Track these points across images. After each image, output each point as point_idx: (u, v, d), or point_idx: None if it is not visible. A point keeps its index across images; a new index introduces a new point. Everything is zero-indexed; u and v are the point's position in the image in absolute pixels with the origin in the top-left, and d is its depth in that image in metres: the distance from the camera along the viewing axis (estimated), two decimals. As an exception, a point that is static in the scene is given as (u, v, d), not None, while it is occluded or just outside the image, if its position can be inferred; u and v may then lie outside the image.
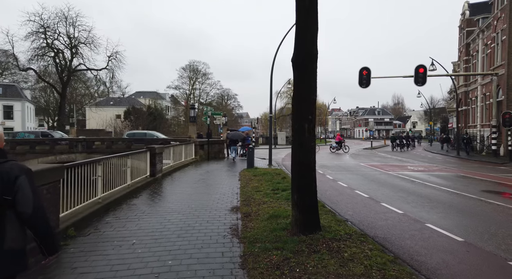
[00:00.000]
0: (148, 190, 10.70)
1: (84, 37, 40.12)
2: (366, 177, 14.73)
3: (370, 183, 12.97)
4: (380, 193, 10.92)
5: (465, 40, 37.82)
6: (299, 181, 5.76)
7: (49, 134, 32.90)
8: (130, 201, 8.91)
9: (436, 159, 25.84)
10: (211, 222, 6.95)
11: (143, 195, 9.86)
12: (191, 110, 26.35)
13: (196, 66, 72.51)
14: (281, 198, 9.12)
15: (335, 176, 14.93)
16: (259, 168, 16.61)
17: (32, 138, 30.30)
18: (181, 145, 18.22)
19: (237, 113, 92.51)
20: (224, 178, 13.52)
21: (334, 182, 13.40)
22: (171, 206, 8.40)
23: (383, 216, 7.80)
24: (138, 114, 54.42)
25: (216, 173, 15.10)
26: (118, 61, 43.07)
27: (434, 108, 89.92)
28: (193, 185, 11.70)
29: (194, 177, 13.57)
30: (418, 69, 25.15)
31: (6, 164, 2.36)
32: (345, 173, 16.44)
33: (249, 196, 9.59)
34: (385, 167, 18.99)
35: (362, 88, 25.62)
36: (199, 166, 17.65)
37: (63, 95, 41.32)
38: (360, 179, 14.31)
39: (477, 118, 34.31)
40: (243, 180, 12.81)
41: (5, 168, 2.33)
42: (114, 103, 71.23)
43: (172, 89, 74.17)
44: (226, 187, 11.36)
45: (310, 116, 5.72)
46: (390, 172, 16.51)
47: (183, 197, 9.56)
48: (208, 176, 13.89)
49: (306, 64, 5.64)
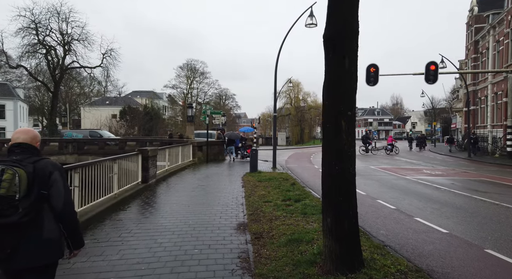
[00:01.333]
0: (138, 200, 9.21)
1: (78, 34, 38.49)
2: (383, 183, 13.27)
3: (390, 191, 11.51)
4: (406, 203, 9.46)
5: (473, 38, 36.46)
6: (333, 199, 4.28)
7: (98, 134, 31.47)
8: (115, 216, 7.41)
9: (447, 162, 24.43)
10: (214, 247, 5.47)
11: (132, 207, 8.36)
12: (189, 109, 24.84)
13: (194, 65, 70.90)
14: (296, 212, 7.64)
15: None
16: (263, 172, 15.14)
17: (80, 137, 29.09)
18: (177, 146, 16.72)
19: (235, 113, 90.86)
20: (226, 184, 12.04)
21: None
22: (164, 222, 6.91)
23: (426, 238, 6.33)
24: (134, 114, 52.90)
25: (217, 178, 13.61)
26: (113, 58, 41.46)
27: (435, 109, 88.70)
28: (190, 193, 10.20)
29: (192, 183, 12.08)
30: (429, 66, 23.66)
31: (41, 162, 2.54)
32: (358, 178, 14.94)
33: (257, 208, 8.11)
34: (399, 170, 17.54)
35: (370, 86, 24.15)
36: (197, 170, 16.15)
37: (55, 94, 39.65)
38: (377, 185, 12.85)
39: (487, 118, 32.95)
40: (248, 187, 11.34)
41: (41, 165, 2.52)
42: (110, 103, 69.60)
43: (170, 88, 72.55)
44: (228, 195, 9.88)
45: (350, 111, 4.25)
46: (407, 177, 15.05)
47: (179, 209, 8.07)
48: (207, 182, 12.40)
49: (345, 42, 4.17)
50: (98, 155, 23.39)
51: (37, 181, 2.45)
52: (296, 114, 71.55)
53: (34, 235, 2.46)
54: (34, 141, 2.67)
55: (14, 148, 2.57)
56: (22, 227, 2.41)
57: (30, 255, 2.45)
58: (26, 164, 2.45)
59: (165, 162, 14.31)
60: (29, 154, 2.56)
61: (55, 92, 39.63)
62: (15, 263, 2.44)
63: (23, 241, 2.43)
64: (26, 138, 2.63)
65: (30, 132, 2.70)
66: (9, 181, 2.33)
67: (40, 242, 2.48)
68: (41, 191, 2.46)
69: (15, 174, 2.35)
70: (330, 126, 4.32)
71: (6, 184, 2.32)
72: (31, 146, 2.63)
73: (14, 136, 2.65)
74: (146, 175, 10.98)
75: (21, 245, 2.43)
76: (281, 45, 17.81)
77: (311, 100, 77.04)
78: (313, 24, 17.13)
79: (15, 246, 2.41)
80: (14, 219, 2.35)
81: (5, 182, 2.32)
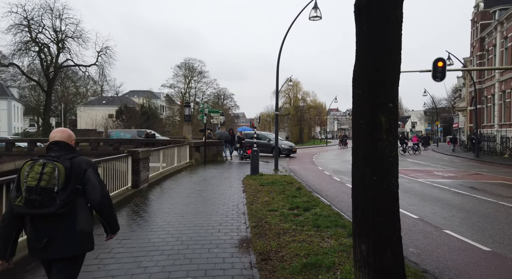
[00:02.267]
0: (126, 208, 8.14)
1: (72, 31, 37.27)
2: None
3: (406, 196, 10.47)
4: (429, 211, 8.42)
5: (479, 34, 35.49)
6: (370, 219, 3.21)
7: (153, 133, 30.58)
8: (96, 229, 6.33)
9: (455, 162, 23.41)
10: (211, 273, 4.41)
11: (118, 217, 7.26)
12: (186, 108, 23.78)
13: (191, 64, 69.66)
14: (306, 224, 6.58)
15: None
16: (265, 175, 14.08)
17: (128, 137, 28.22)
18: (173, 147, 15.65)
19: (233, 113, 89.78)
20: (225, 188, 10.98)
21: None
22: (153, 238, 5.85)
23: (468, 258, 5.28)
24: (131, 114, 51.80)
25: (215, 181, 12.55)
26: (108, 56, 40.29)
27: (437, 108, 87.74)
28: (186, 199, 9.13)
29: (188, 188, 11.01)
30: (436, 62, 22.51)
31: (77, 158, 2.72)
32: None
33: (261, 219, 7.06)
34: (410, 173, 16.50)
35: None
36: (194, 172, 15.08)
37: (49, 93, 38.45)
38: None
39: (494, 118, 31.97)
40: (249, 192, 10.28)
41: (76, 161, 2.69)
42: (107, 102, 68.49)
43: (167, 87, 71.30)
44: (228, 202, 8.83)
45: (391, 102, 3.20)
46: (420, 180, 14.02)
47: (172, 220, 7.00)
48: (205, 186, 11.34)
49: (385, 9, 3.12)
50: (91, 156, 22.29)
51: (73, 176, 2.62)
52: (296, 113, 70.58)
53: (68, 227, 2.61)
54: (70, 139, 2.86)
55: (52, 146, 2.76)
56: (59, 218, 2.58)
57: (63, 245, 2.60)
58: (64, 160, 2.63)
59: (160, 164, 13.25)
60: (65, 151, 2.74)
61: (49, 91, 38.46)
62: (49, 253, 2.59)
63: (58, 231, 2.59)
64: (62, 137, 2.82)
65: (66, 132, 2.89)
66: (49, 174, 2.51)
67: (74, 234, 2.63)
68: (76, 185, 2.63)
69: (54, 168, 2.54)
70: (364, 123, 3.25)
71: (46, 177, 2.50)
72: (67, 144, 2.81)
73: (51, 135, 2.84)
74: (136, 180, 9.91)
75: (56, 235, 2.58)
76: (284, 37, 16.75)
77: (310, 100, 76.12)
78: (318, 16, 16.11)
79: (51, 236, 2.56)
80: (53, 210, 2.51)
81: (46, 175, 2.50)
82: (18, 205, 2.51)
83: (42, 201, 2.47)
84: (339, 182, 13.46)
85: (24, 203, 2.48)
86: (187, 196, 9.55)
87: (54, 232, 2.58)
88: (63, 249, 2.60)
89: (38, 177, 2.49)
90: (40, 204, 2.48)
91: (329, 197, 10.23)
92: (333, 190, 11.54)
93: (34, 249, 2.61)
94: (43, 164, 2.53)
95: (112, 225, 2.96)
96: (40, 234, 2.56)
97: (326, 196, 10.37)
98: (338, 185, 12.66)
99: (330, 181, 13.78)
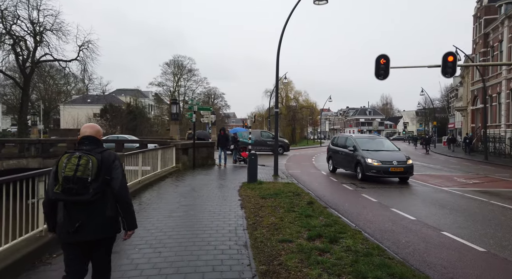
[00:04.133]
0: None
1: (50, 23, 34.34)
2: (424, 199, 10.19)
3: (445, 212, 8.42)
4: (491, 239, 6.35)
5: (483, 30, 33.85)
6: None
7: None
8: (33, 275, 4.14)
9: (467, 165, 21.56)
10: None
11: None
12: (173, 105, 21.50)
13: (181, 61, 67.12)
14: (343, 271, 4.42)
15: (378, 197, 10.35)
16: (264, 183, 11.93)
17: None
18: (156, 150, 13.36)
19: (224, 113, 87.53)
20: (218, 202, 8.78)
21: (386, 209, 8.80)
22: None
23: None
24: (116, 113, 49.14)
25: (205, 191, 10.34)
26: (91, 51, 37.47)
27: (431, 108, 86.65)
28: (167, 222, 6.90)
29: (171, 202, 8.78)
30: (446, 57, 20.55)
31: (106, 152, 3.02)
32: (386, 189, 11.88)
33: (272, 258, 4.91)
34: (428, 179, 14.50)
35: (379, 79, 21.00)
36: (181, 179, 12.84)
37: (25, 90, 35.61)
38: (419, 202, 9.79)
39: (500, 117, 30.31)
40: (249, 208, 8.11)
41: (106, 154, 2.98)
42: (92, 101, 65.44)
43: (155, 86, 68.58)
44: (223, 224, 6.66)
45: None
46: (445, 188, 12.02)
47: (142, 262, 4.78)
48: (193, 200, 9.13)
49: None
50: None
51: (103, 168, 2.89)
52: (288, 113, 68.71)
53: (99, 212, 2.90)
54: (98, 134, 3.14)
55: (84, 140, 3.04)
56: (91, 205, 2.85)
57: (95, 229, 2.90)
58: (95, 153, 2.91)
59: (138, 168, 10.98)
60: (95, 145, 3.03)
61: (25, 88, 35.62)
62: (81, 235, 2.86)
63: (90, 217, 2.87)
64: (92, 132, 3.09)
65: (95, 127, 3.18)
66: (84, 166, 2.80)
67: (104, 219, 2.93)
68: (105, 176, 2.90)
69: (89, 160, 2.83)
70: None
71: (82, 168, 2.79)
72: (96, 138, 3.10)
73: (82, 130, 3.12)
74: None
75: (87, 220, 2.86)
76: (285, 25, 14.63)
77: (302, 100, 74.39)
78: (324, 0, 14.12)
79: (83, 221, 2.84)
80: (87, 197, 2.79)
81: (81, 166, 2.79)
82: (56, 193, 2.80)
83: (77, 189, 2.75)
84: (354, 192, 11.37)
85: (61, 191, 2.77)
86: (169, 216, 7.32)
87: (86, 217, 2.85)
88: (93, 232, 2.89)
89: (74, 168, 2.76)
90: (76, 192, 2.76)
91: (351, 215, 8.11)
92: (352, 204, 9.42)
93: (67, 232, 2.84)
94: (79, 157, 2.81)
95: (129, 220, 3.07)
96: (73, 218, 2.83)
97: (346, 213, 8.26)
98: (354, 196, 10.56)
99: (342, 190, 11.69)
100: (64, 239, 2.89)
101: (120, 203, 2.99)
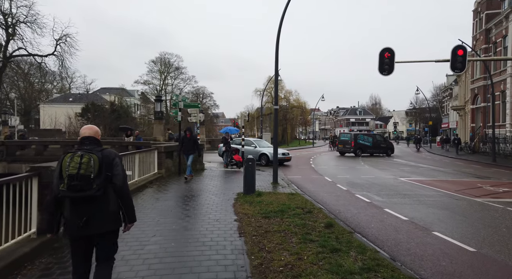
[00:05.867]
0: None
1: (24, 15, 31.78)
2: (466, 216, 8.21)
3: (501, 236, 6.47)
4: None
5: (484, 26, 32.37)
6: None
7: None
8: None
9: (479, 168, 19.83)
10: None
11: None
12: (157, 103, 19.20)
13: (168, 58, 64.47)
14: None
15: (402, 211, 8.39)
16: (264, 194, 9.89)
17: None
18: (133, 154, 11.15)
19: (213, 112, 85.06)
20: (210, 225, 6.67)
21: (424, 231, 6.82)
22: None
23: None
24: (99, 112, 46.44)
25: (192, 208, 8.20)
26: (69, 46, 34.96)
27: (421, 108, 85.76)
28: (133, 265, 4.77)
29: (146, 226, 6.61)
30: (456, 50, 18.84)
31: (106, 150, 3.26)
32: (407, 201, 9.92)
33: None
34: (448, 186, 12.61)
35: (383, 75, 19.14)
36: (163, 190, 10.66)
37: (-3, 87, 32.95)
38: (460, 221, 7.81)
39: (506, 116, 28.78)
40: (250, 236, 6.04)
41: (106, 153, 3.21)
42: (74, 100, 62.31)
43: (141, 84, 65.81)
44: (217, 269, 4.58)
45: None
46: (477, 199, 10.11)
47: None
48: (174, 222, 6.99)
49: None
50: (36, 162, 17.52)
51: (104, 165, 3.12)
52: (278, 113, 66.65)
53: (103, 207, 3.13)
54: (97, 134, 3.38)
55: (84, 140, 3.28)
56: (95, 200, 3.08)
57: (100, 223, 3.13)
58: (96, 152, 3.15)
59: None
60: (95, 144, 3.26)
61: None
62: (88, 229, 3.08)
63: (95, 211, 3.09)
64: (91, 133, 3.33)
65: (94, 128, 3.40)
66: (87, 164, 3.02)
67: (107, 213, 3.16)
68: (107, 172, 3.13)
69: (90, 158, 3.05)
70: None
71: (84, 166, 3.00)
72: (96, 138, 3.34)
73: (82, 131, 3.36)
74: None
75: (93, 214, 3.08)
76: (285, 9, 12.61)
77: (293, 99, 72.45)
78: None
79: (90, 215, 3.06)
80: (91, 193, 3.01)
81: (84, 164, 3.00)
82: (62, 190, 3.01)
83: (81, 185, 2.95)
84: (372, 205, 9.38)
85: (67, 188, 2.98)
86: (140, 248, 5.18)
87: (92, 211, 3.07)
88: (100, 225, 3.13)
89: (77, 166, 2.98)
90: (80, 188, 2.97)
91: (388, 245, 6.08)
92: (380, 225, 7.40)
93: (76, 227, 3.05)
94: (81, 156, 3.03)
95: (129, 214, 3.33)
96: (80, 213, 3.05)
97: (379, 241, 6.24)
98: (377, 212, 8.55)
99: (358, 203, 9.68)
100: (72, 234, 3.11)
101: (122, 198, 3.26)
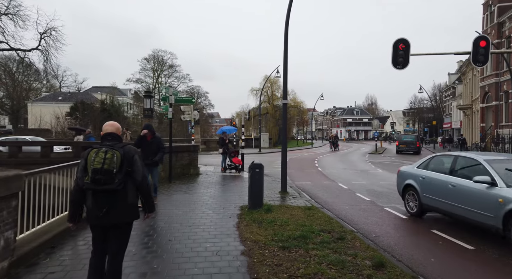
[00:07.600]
0: None
1: (5, 6, 29.51)
2: None
3: None
4: None
5: (496, 19, 30.60)
6: None
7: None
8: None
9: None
10: None
11: None
12: (146, 99, 17.08)
13: (161, 56, 62.23)
14: None
15: (461, 235, 6.42)
16: (274, 208, 7.85)
17: None
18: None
19: (208, 112, 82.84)
20: (206, 264, 4.63)
21: None
22: None
23: None
24: (88, 110, 44.20)
25: (181, 234, 6.14)
26: (55, 40, 32.66)
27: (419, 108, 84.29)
28: None
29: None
30: (478, 42, 16.74)
31: (126, 147, 3.47)
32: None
33: None
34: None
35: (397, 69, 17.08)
36: (148, 202, 8.58)
37: (-24, 83, 30.62)
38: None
39: (520, 115, 26.99)
40: (267, 284, 3.99)
41: (126, 149, 3.43)
42: (64, 99, 59.76)
43: (133, 82, 63.51)
44: None
45: None
46: None
47: None
48: (154, 261, 4.94)
49: None
50: (9, 166, 15.39)
51: (125, 161, 3.35)
52: (274, 113, 64.54)
53: (122, 200, 3.37)
54: (118, 131, 3.62)
55: (106, 136, 3.52)
56: (116, 193, 3.32)
57: (118, 214, 3.38)
58: (118, 148, 3.37)
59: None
60: (117, 141, 3.50)
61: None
62: (107, 219, 3.34)
63: (115, 203, 3.33)
64: (113, 129, 3.57)
65: (115, 125, 3.67)
66: (110, 159, 3.26)
67: (126, 205, 3.40)
68: (127, 168, 3.36)
69: (114, 154, 3.30)
70: None
71: (108, 161, 3.24)
72: (117, 135, 3.58)
73: (104, 127, 3.58)
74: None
75: (113, 206, 3.32)
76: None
77: (290, 98, 70.38)
78: None
79: (110, 207, 3.30)
80: (113, 186, 3.27)
81: (107, 160, 3.25)
82: (86, 183, 3.26)
83: (105, 179, 3.21)
84: (414, 223, 7.38)
85: (91, 181, 3.22)
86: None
87: (112, 203, 3.31)
88: (118, 216, 3.37)
89: (102, 161, 3.22)
90: (104, 182, 3.22)
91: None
92: (442, 268, 5.40)
93: (96, 216, 3.32)
94: (105, 151, 3.28)
95: (149, 204, 3.61)
96: (100, 205, 3.29)
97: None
98: (429, 241, 6.54)
99: (395, 221, 7.68)
100: (92, 221, 3.40)
101: (141, 191, 3.50)
